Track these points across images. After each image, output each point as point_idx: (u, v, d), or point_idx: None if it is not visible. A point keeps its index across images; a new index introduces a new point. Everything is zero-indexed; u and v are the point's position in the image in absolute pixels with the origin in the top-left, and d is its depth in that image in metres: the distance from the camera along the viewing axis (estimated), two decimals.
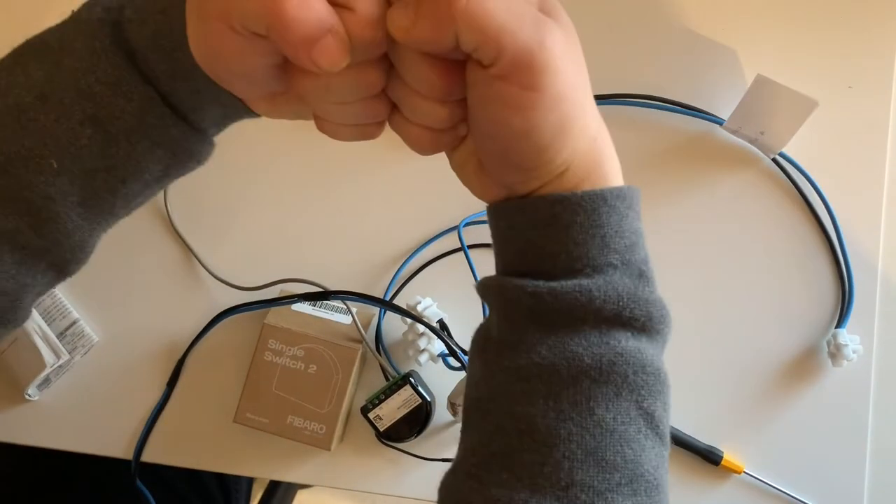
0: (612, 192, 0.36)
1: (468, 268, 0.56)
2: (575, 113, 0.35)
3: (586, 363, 0.35)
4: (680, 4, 0.62)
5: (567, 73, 0.34)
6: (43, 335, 0.57)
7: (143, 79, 0.37)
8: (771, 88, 0.56)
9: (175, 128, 0.39)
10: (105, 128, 0.37)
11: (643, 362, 0.36)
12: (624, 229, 0.37)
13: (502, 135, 0.35)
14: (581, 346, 0.36)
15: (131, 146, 0.38)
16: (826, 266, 0.59)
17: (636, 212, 0.38)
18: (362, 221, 0.61)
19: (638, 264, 0.38)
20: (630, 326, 0.37)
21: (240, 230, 0.61)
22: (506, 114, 0.34)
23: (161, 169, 0.40)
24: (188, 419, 0.59)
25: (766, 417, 0.58)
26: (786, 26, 0.61)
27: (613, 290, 0.36)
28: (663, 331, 0.38)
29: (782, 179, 0.59)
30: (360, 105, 0.37)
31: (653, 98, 0.59)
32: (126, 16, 0.37)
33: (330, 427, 0.55)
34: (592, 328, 0.36)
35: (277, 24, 0.32)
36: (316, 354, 0.56)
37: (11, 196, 0.38)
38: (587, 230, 0.36)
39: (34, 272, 0.41)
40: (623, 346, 0.36)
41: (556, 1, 0.36)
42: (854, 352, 0.56)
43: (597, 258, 0.36)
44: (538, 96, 0.33)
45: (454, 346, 0.54)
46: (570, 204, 0.36)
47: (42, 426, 0.59)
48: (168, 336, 0.60)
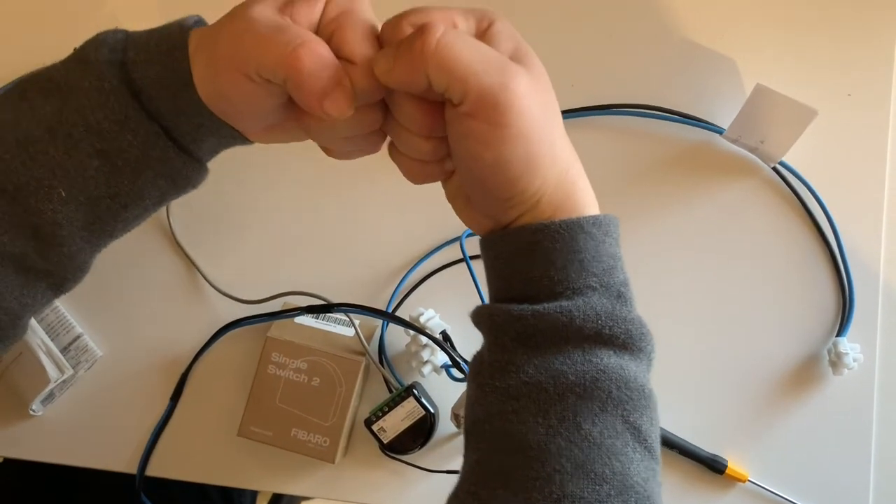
0: (589, 220, 0.39)
1: (470, 279, 0.56)
2: (542, 148, 0.38)
3: (571, 380, 0.37)
4: (679, 15, 0.62)
5: (532, 112, 0.37)
6: (47, 350, 0.57)
7: (148, 115, 0.40)
8: (770, 98, 0.56)
9: (177, 159, 0.42)
10: (112, 160, 0.40)
11: (626, 378, 0.38)
12: (601, 254, 0.39)
13: (477, 167, 0.38)
14: (565, 364, 0.38)
15: (136, 176, 0.41)
16: (827, 274, 0.59)
17: (613, 238, 0.40)
18: (364, 233, 0.61)
19: (616, 286, 0.40)
20: (611, 344, 0.39)
21: (242, 243, 0.61)
22: (478, 148, 0.37)
23: (160, 195, 0.43)
24: (192, 433, 0.59)
25: (769, 426, 0.58)
26: (785, 35, 0.62)
27: (592, 309, 0.38)
28: (645, 349, 0.40)
29: (782, 188, 0.60)
30: (361, 137, 0.41)
31: (653, 108, 0.60)
32: (130, 57, 0.40)
33: (334, 440, 0.56)
34: (575, 347, 0.38)
35: (295, 77, 0.36)
36: (319, 367, 0.56)
37: (20, 222, 0.40)
38: (566, 255, 0.39)
39: (35, 292, 0.44)
40: (605, 363, 0.38)
41: (529, 50, 0.39)
42: (855, 360, 0.56)
43: (576, 281, 0.39)
44: (504, 132, 0.36)
45: (457, 358, 0.54)
46: (550, 231, 0.39)
47: (46, 441, 0.59)
48: (172, 350, 0.60)
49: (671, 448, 0.57)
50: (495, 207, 0.40)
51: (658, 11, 0.62)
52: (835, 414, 0.58)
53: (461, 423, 0.55)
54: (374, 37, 0.39)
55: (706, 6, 0.62)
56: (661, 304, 0.59)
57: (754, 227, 0.60)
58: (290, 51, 0.36)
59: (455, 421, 0.55)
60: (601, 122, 0.61)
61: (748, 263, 0.59)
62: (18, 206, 0.40)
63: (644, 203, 0.60)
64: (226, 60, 0.38)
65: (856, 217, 0.59)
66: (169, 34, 0.40)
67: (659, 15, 0.62)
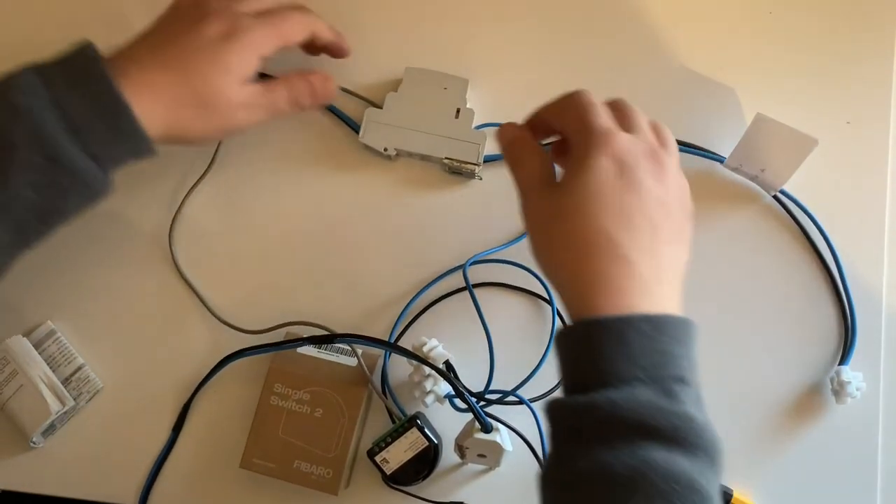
0: (638, 317, 0.42)
1: (473, 307, 0.56)
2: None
3: (617, 471, 0.39)
4: (679, 44, 0.63)
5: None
6: (48, 382, 0.57)
7: (82, 149, 0.45)
8: (770, 127, 0.56)
9: (102, 183, 0.48)
10: (43, 191, 0.45)
11: (672, 473, 0.38)
12: (650, 350, 0.41)
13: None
14: (612, 455, 0.39)
15: (64, 202, 0.47)
16: (829, 302, 0.59)
17: (670, 336, 0.42)
18: (367, 262, 0.61)
19: (667, 382, 0.41)
20: (657, 437, 0.39)
21: (245, 273, 0.61)
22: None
23: (79, 212, 0.48)
24: (194, 464, 0.59)
25: (774, 455, 0.58)
26: (784, 64, 0.62)
27: (635, 400, 0.40)
28: (702, 446, 0.40)
29: (783, 216, 0.60)
30: None
31: None
32: (59, 96, 0.45)
33: (337, 471, 0.55)
34: (623, 440, 0.39)
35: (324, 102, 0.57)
36: (322, 398, 0.56)
37: None
38: (615, 348, 0.41)
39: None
40: (651, 456, 0.39)
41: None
42: (858, 389, 0.56)
43: (623, 373, 0.40)
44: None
45: (460, 388, 0.54)
46: (600, 325, 0.41)
47: (47, 474, 0.59)
48: (173, 380, 0.60)
49: None
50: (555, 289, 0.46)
51: (657, 41, 0.63)
52: (839, 442, 0.57)
53: (465, 455, 0.55)
54: None
55: (705, 36, 0.63)
56: None
57: (755, 255, 0.60)
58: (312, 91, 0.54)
59: (459, 452, 0.55)
60: None
61: (749, 292, 0.59)
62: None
63: None
64: (221, 111, 0.50)
65: (857, 245, 0.59)
66: (89, 70, 0.46)
67: (658, 44, 0.63)
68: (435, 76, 0.61)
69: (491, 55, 0.62)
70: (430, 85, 0.60)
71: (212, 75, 0.50)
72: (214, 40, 0.50)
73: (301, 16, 0.55)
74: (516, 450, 0.55)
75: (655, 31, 0.63)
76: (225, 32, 0.50)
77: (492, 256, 0.59)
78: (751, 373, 0.58)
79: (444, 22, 0.64)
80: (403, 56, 0.62)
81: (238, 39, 0.50)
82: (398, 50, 0.63)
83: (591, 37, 0.63)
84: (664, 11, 0.63)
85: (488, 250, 0.59)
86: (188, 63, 0.49)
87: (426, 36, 0.63)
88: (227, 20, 0.51)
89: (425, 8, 0.64)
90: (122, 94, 0.46)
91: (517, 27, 0.63)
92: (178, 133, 0.50)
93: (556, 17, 0.64)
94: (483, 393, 0.56)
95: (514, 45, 0.63)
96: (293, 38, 0.54)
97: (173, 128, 0.49)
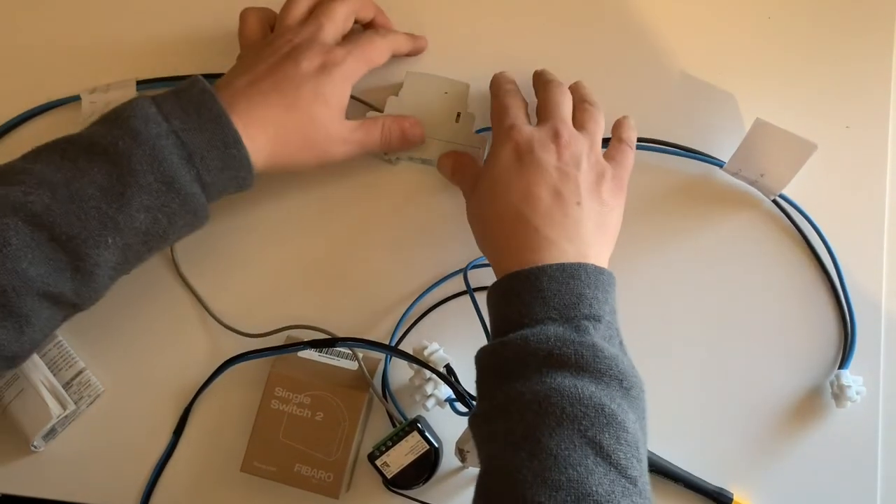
0: (553, 266, 0.47)
1: (474, 310, 0.56)
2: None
3: (527, 399, 0.43)
4: (678, 50, 0.63)
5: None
6: (50, 386, 0.57)
7: (194, 177, 0.49)
8: (770, 132, 0.56)
9: (205, 209, 0.51)
10: (154, 213, 0.48)
11: (579, 396, 0.42)
12: (563, 292, 0.46)
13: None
14: (524, 386, 0.44)
15: (170, 225, 0.49)
16: (828, 306, 0.59)
17: (581, 281, 0.47)
18: (368, 266, 0.61)
19: (577, 319, 0.46)
20: (565, 366, 0.44)
21: (246, 277, 0.61)
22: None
23: (179, 237, 0.52)
24: (195, 468, 0.59)
25: (774, 459, 0.58)
26: (783, 68, 0.63)
27: (544, 334, 0.45)
28: (611, 374, 0.44)
29: (782, 220, 0.60)
30: None
31: (653, 141, 0.60)
32: (178, 126, 0.48)
33: (338, 475, 0.55)
34: (534, 371, 0.44)
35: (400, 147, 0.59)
36: (323, 401, 0.56)
37: (66, 266, 0.47)
38: (531, 294, 0.46)
39: (57, 321, 0.50)
40: (559, 382, 0.43)
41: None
42: (858, 393, 0.56)
43: (538, 314, 0.46)
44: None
45: (462, 391, 0.54)
46: (518, 276, 0.47)
47: (48, 477, 0.59)
48: (174, 384, 0.60)
49: (676, 481, 0.56)
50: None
51: (658, 47, 0.63)
52: (840, 446, 0.58)
53: (466, 458, 0.55)
54: None
55: (704, 41, 0.63)
56: (663, 335, 0.59)
57: (755, 259, 0.60)
58: (399, 134, 0.58)
59: (460, 456, 0.55)
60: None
61: (749, 296, 0.60)
62: (67, 252, 0.46)
63: (644, 236, 0.60)
64: (320, 145, 0.54)
65: (857, 249, 0.59)
66: (202, 101, 0.49)
67: (658, 50, 0.63)
68: (435, 80, 0.61)
69: (493, 60, 0.62)
70: (430, 89, 0.61)
71: (314, 110, 0.53)
72: (312, 74, 0.53)
73: (382, 40, 0.59)
74: None
75: (655, 36, 0.63)
76: (320, 66, 0.54)
77: None
78: (751, 376, 0.59)
79: (446, 26, 0.64)
80: (405, 60, 0.62)
81: (333, 73, 0.54)
82: None
83: (592, 41, 0.63)
84: (664, 17, 0.64)
85: None
86: (291, 98, 0.52)
87: (429, 40, 0.63)
88: (320, 53, 0.54)
89: (427, 11, 0.64)
90: (235, 127, 0.49)
91: (519, 33, 0.64)
92: (280, 165, 0.53)
93: (558, 24, 0.64)
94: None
95: (516, 51, 0.63)
96: (379, 62, 0.58)
97: (276, 160, 0.53)
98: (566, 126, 0.53)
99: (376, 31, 0.60)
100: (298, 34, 0.55)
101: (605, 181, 0.52)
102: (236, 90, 0.52)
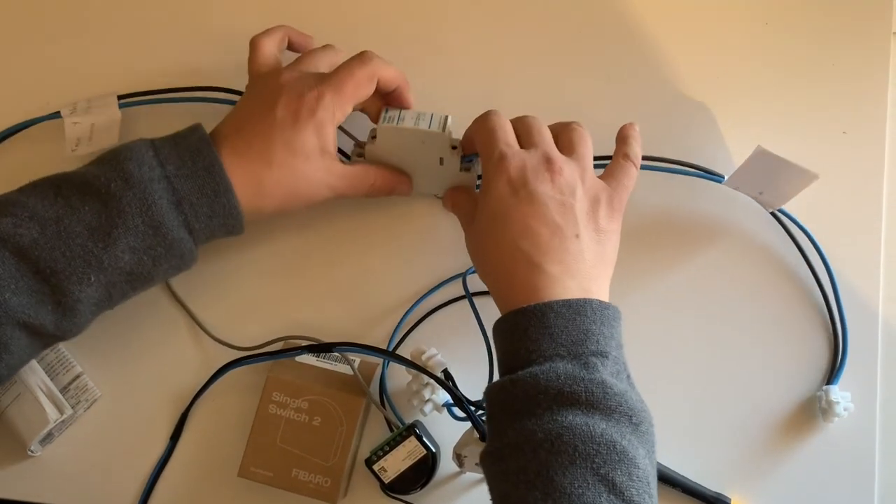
0: (559, 302, 0.47)
1: (473, 316, 0.56)
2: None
3: (539, 437, 0.43)
4: (674, 57, 0.63)
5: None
6: (47, 391, 0.57)
7: (182, 222, 0.49)
8: (770, 160, 0.55)
9: (192, 252, 0.51)
10: (139, 254, 0.49)
11: (591, 434, 0.42)
12: (570, 329, 0.46)
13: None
14: (536, 424, 0.43)
15: (155, 267, 0.50)
16: (823, 320, 0.59)
17: (587, 317, 0.47)
18: (365, 271, 0.61)
19: (585, 356, 0.46)
20: (576, 403, 0.44)
21: (240, 284, 0.61)
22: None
23: (165, 278, 0.53)
24: (192, 473, 0.59)
25: (771, 469, 0.57)
26: (780, 74, 0.63)
27: (555, 372, 0.44)
28: (621, 410, 0.44)
29: (780, 233, 0.60)
30: None
31: (653, 158, 0.59)
32: (171, 171, 0.49)
33: (335, 479, 0.55)
34: (545, 409, 0.44)
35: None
36: (320, 406, 0.56)
37: (47, 299, 0.48)
38: (538, 330, 0.46)
39: (36, 350, 0.50)
40: (570, 420, 0.43)
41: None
42: (845, 409, 0.56)
43: (546, 351, 0.46)
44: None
45: (459, 396, 0.54)
46: (524, 312, 0.47)
47: (45, 482, 0.59)
48: (172, 389, 0.60)
49: (674, 486, 0.56)
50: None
51: (653, 57, 0.63)
52: (837, 458, 0.57)
53: (464, 464, 0.55)
54: None
55: (701, 45, 0.63)
56: (660, 344, 0.59)
57: (752, 271, 0.60)
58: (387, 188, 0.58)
59: (457, 460, 0.55)
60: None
61: (744, 307, 0.59)
62: (50, 286, 0.47)
63: (639, 250, 0.60)
64: (304, 194, 0.54)
65: (853, 263, 0.59)
66: (199, 149, 0.50)
67: (655, 60, 0.63)
68: (408, 133, 0.56)
69: (484, 81, 0.63)
70: (405, 141, 0.57)
71: (292, 163, 0.52)
72: (287, 124, 0.52)
73: (359, 68, 0.54)
74: None
75: (650, 47, 0.64)
76: (294, 113, 0.52)
77: None
78: (747, 387, 0.59)
79: (431, 52, 0.64)
80: None
81: (309, 120, 0.52)
82: None
83: (590, 62, 0.64)
84: (659, 24, 0.64)
85: None
86: (269, 153, 0.52)
87: (412, 64, 0.62)
88: (295, 98, 0.52)
89: (405, 40, 0.64)
90: (228, 177, 0.50)
91: (511, 55, 0.64)
92: (268, 213, 0.53)
93: (553, 44, 0.64)
94: (482, 402, 0.56)
95: (509, 68, 0.63)
96: (362, 94, 0.54)
97: (263, 210, 0.53)
98: (555, 150, 0.51)
99: (361, 58, 0.55)
100: (283, 74, 0.54)
101: (600, 207, 0.51)
102: (226, 135, 0.52)
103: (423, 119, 0.56)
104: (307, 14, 0.64)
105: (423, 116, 0.56)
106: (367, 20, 0.66)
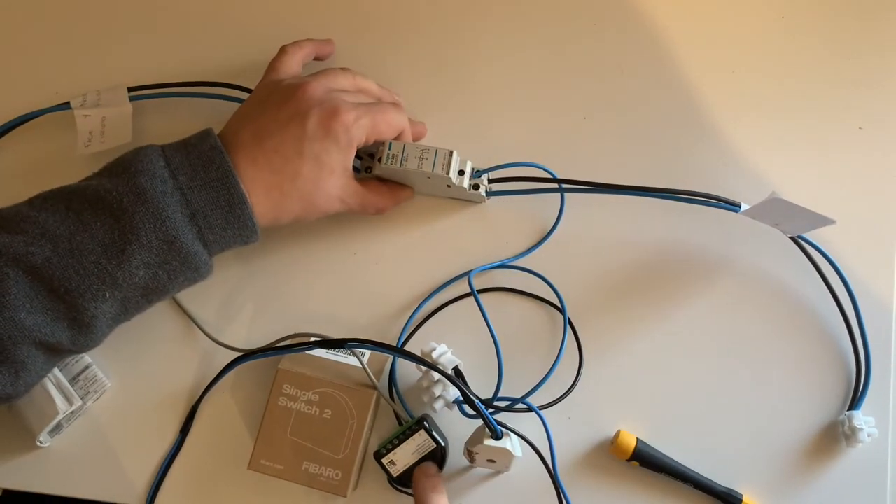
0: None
1: (480, 313, 0.56)
2: None
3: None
4: (689, 55, 0.63)
5: None
6: (56, 381, 0.57)
7: (196, 235, 0.49)
8: (785, 207, 0.54)
9: (207, 265, 0.51)
10: (154, 270, 0.49)
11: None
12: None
13: None
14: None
15: (170, 281, 0.50)
16: (845, 345, 0.58)
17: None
18: (374, 267, 0.61)
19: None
20: None
21: (251, 281, 0.61)
22: None
23: (180, 290, 0.52)
24: (202, 466, 0.59)
25: (791, 491, 0.57)
26: (794, 67, 0.62)
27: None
28: None
29: (798, 255, 0.59)
30: None
31: (670, 191, 0.58)
32: (184, 182, 0.49)
33: (346, 473, 0.55)
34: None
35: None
36: (331, 399, 0.56)
37: (63, 317, 0.48)
38: None
39: (53, 366, 0.51)
40: None
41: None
42: (869, 435, 0.55)
43: None
44: None
45: (469, 394, 0.54)
46: None
47: (54, 473, 0.58)
48: (182, 381, 0.59)
49: (685, 481, 0.56)
50: None
51: (659, 67, 0.63)
52: (855, 483, 0.57)
53: (475, 459, 0.55)
54: None
55: (713, 38, 0.63)
56: (680, 365, 0.59)
57: (772, 295, 0.59)
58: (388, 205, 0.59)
59: (468, 457, 0.55)
60: (613, 199, 0.61)
61: (765, 330, 0.59)
62: (65, 304, 0.47)
63: (664, 276, 0.60)
64: (321, 207, 0.54)
65: (873, 282, 0.59)
66: (211, 158, 0.50)
67: (663, 70, 0.63)
68: (413, 174, 0.57)
69: (491, 102, 0.62)
70: (411, 177, 0.58)
71: (317, 176, 0.53)
72: (317, 137, 0.52)
73: (396, 115, 0.56)
74: (525, 453, 0.55)
75: (654, 55, 0.63)
76: (327, 128, 0.52)
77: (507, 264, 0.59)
78: (766, 410, 0.58)
79: (436, 79, 0.64)
80: None
81: (342, 137, 0.53)
82: None
83: (602, 98, 0.64)
84: (673, 25, 0.63)
85: (493, 263, 0.59)
86: (294, 165, 0.52)
87: (417, 90, 0.63)
88: (329, 113, 0.52)
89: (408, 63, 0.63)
90: (242, 189, 0.49)
91: (528, 70, 0.63)
92: (283, 223, 0.54)
93: (563, 77, 0.64)
94: (492, 400, 0.56)
95: (530, 101, 0.63)
96: (386, 136, 0.56)
97: (279, 221, 0.53)
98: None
99: (395, 103, 0.58)
100: (311, 86, 0.54)
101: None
102: (242, 143, 0.52)
103: (427, 158, 0.56)
104: (321, 14, 0.64)
105: (427, 154, 0.56)
106: (378, 21, 0.65)
